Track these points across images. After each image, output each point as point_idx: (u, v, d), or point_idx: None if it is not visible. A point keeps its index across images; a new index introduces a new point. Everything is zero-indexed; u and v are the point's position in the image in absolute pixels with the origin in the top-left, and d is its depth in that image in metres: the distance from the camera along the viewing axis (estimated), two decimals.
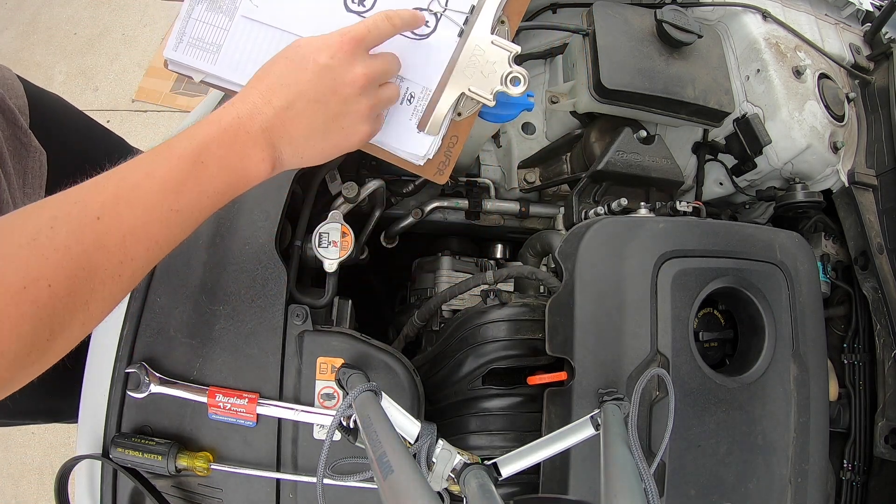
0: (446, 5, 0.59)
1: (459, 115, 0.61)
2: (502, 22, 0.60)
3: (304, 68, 0.48)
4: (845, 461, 0.82)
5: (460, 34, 0.60)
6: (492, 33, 0.58)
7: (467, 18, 0.60)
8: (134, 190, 0.42)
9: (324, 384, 0.63)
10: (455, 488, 0.49)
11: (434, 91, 0.60)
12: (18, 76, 0.82)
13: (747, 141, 0.83)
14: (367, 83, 0.50)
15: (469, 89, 0.58)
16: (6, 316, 0.36)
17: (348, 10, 0.60)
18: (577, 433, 0.51)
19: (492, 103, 0.58)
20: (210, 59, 0.59)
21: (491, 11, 0.58)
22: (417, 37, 0.59)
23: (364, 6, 0.60)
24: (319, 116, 0.49)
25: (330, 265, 0.67)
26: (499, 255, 0.99)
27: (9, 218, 0.39)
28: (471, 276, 0.80)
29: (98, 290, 0.41)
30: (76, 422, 0.67)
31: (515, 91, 0.57)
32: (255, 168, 0.47)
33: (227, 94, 0.64)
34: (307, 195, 0.75)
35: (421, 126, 0.60)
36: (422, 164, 0.62)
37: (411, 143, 0.61)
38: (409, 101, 0.60)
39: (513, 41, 0.60)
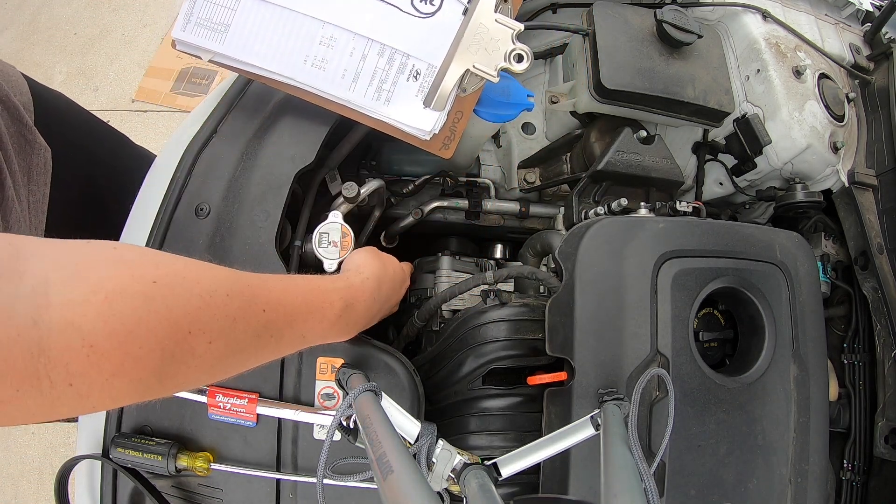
0: None
1: (464, 91, 0.62)
2: (505, 0, 0.61)
3: (394, 292, 0.67)
4: (845, 461, 0.82)
5: (464, 12, 0.60)
6: (495, 11, 0.58)
7: None
8: (293, 304, 0.48)
9: (324, 384, 0.63)
10: (455, 488, 0.49)
11: (439, 68, 0.60)
12: (23, 73, 0.82)
13: (747, 141, 0.83)
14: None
15: (474, 66, 0.58)
16: (162, 352, 0.35)
17: None
18: (577, 433, 0.51)
19: (496, 79, 0.59)
20: (218, 38, 0.60)
21: None
22: (423, 15, 0.60)
23: None
24: (377, 317, 0.65)
25: (330, 265, 0.67)
26: (499, 255, 0.99)
27: (180, 264, 0.40)
28: (471, 276, 0.80)
29: (238, 363, 0.44)
30: (76, 420, 0.67)
31: (519, 68, 0.58)
32: (346, 336, 0.58)
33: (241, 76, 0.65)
34: (307, 195, 0.75)
35: (427, 102, 0.61)
36: (428, 138, 0.63)
37: (417, 119, 0.62)
38: (416, 77, 0.61)
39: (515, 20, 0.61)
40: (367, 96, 0.62)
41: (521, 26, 0.59)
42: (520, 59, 0.58)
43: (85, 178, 0.91)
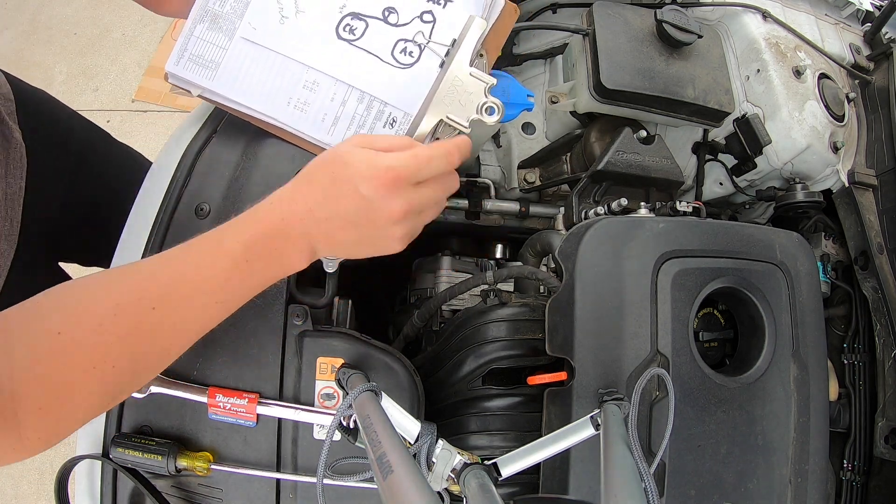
0: (430, 38, 0.64)
1: (437, 140, 0.64)
2: (481, 55, 0.64)
3: (345, 194, 0.48)
4: (845, 461, 0.82)
5: (441, 65, 0.63)
6: (470, 66, 0.61)
7: (448, 51, 0.63)
8: (186, 283, 0.48)
9: (324, 384, 0.63)
10: (455, 488, 0.49)
11: (415, 117, 0.63)
12: (2, 70, 0.83)
13: (747, 141, 0.83)
14: (404, 217, 0.49)
15: (447, 117, 0.61)
16: (78, 391, 0.45)
17: (339, 37, 0.63)
18: (577, 433, 0.51)
19: (467, 131, 0.62)
20: (208, 75, 0.63)
21: (471, 45, 0.61)
22: (402, 66, 0.64)
23: (354, 34, 0.63)
24: (353, 235, 0.50)
25: (330, 265, 0.67)
26: (499, 255, 0.99)
27: (75, 300, 0.45)
28: (471, 276, 0.80)
29: (152, 365, 0.49)
30: None
31: (490, 120, 0.60)
32: (294, 264, 0.52)
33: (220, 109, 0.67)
34: None
35: None
36: None
37: None
38: (392, 125, 0.65)
39: (490, 73, 0.64)
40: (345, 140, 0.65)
41: (493, 80, 0.61)
42: (491, 111, 0.60)
43: (68, 173, 0.91)
